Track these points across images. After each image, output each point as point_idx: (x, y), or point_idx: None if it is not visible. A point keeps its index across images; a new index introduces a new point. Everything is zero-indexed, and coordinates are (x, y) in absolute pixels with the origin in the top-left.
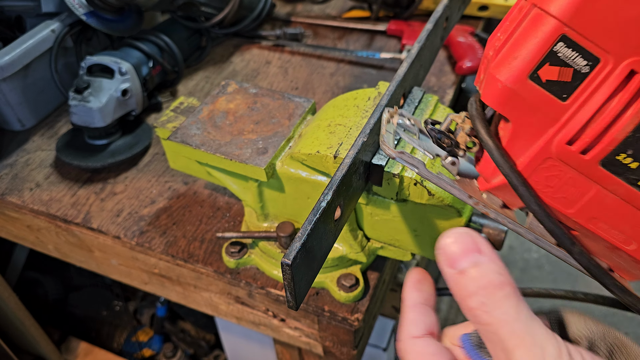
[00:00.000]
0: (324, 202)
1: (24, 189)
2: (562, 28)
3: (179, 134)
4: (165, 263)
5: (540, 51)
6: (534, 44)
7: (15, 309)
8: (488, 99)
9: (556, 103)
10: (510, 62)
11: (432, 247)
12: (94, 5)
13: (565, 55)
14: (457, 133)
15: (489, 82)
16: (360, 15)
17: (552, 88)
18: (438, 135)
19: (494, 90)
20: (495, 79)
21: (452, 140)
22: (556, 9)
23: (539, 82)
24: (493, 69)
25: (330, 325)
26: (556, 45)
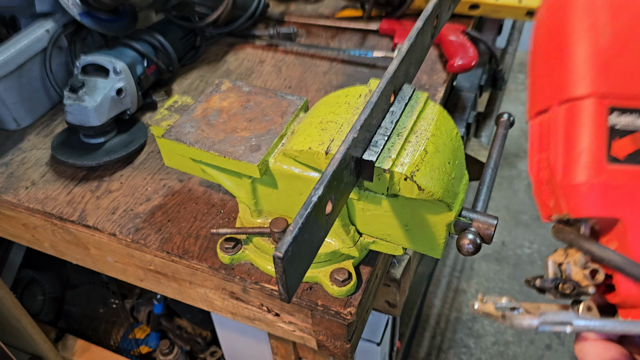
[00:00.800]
0: (315, 197)
1: (19, 188)
2: (603, 101)
3: (174, 132)
4: (161, 259)
5: (599, 133)
6: (588, 131)
7: (12, 308)
8: (581, 210)
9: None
10: (577, 162)
11: (423, 242)
12: (88, 5)
13: (625, 124)
14: (568, 271)
15: (569, 194)
16: (353, 15)
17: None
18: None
19: (582, 198)
20: (575, 186)
21: (572, 283)
22: (585, 89)
23: (620, 162)
24: (565, 179)
25: (324, 319)
26: (610, 119)
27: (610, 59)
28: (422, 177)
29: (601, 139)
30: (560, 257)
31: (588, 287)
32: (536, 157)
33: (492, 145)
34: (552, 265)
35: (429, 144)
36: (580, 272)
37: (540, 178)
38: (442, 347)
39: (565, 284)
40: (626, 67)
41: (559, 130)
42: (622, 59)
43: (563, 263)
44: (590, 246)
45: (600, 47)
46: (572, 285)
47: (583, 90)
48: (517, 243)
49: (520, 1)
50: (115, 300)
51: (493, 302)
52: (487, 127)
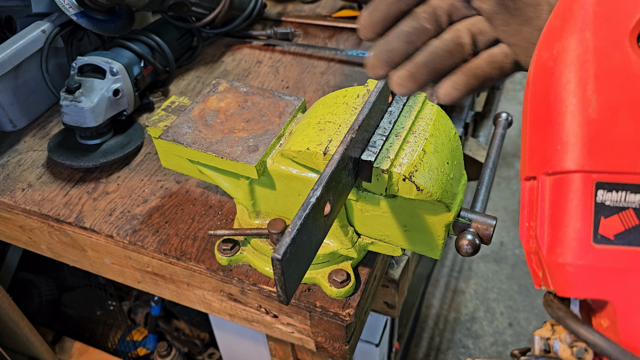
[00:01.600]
0: (314, 198)
1: (15, 189)
2: (591, 177)
3: (171, 133)
4: (158, 261)
5: (585, 211)
6: (574, 207)
7: (8, 310)
8: (566, 290)
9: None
10: (563, 239)
11: (422, 242)
12: (85, 6)
13: (614, 201)
14: (556, 348)
15: (554, 272)
16: (351, 15)
17: (627, 239)
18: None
19: (567, 278)
20: (561, 265)
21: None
22: (572, 163)
23: (608, 241)
24: (550, 257)
25: (322, 321)
26: (597, 195)
27: (598, 132)
28: (421, 177)
29: (588, 217)
30: (548, 332)
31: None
32: (526, 223)
33: (490, 145)
34: (539, 341)
35: (427, 144)
36: (567, 349)
37: (530, 246)
38: (441, 348)
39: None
40: (615, 141)
41: (545, 203)
42: (611, 132)
43: (550, 338)
44: (577, 328)
45: (588, 118)
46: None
47: (570, 164)
48: (515, 243)
49: None
50: (113, 302)
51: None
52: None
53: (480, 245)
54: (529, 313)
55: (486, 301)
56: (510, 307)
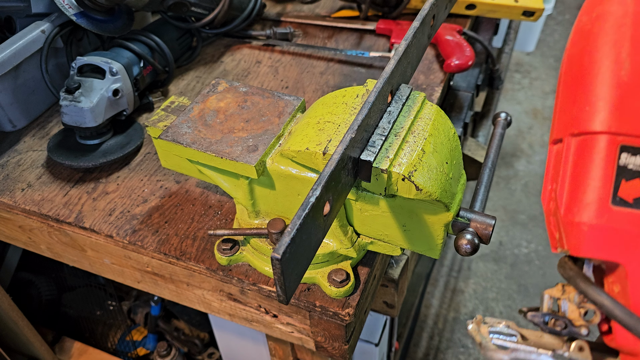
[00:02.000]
0: (313, 198)
1: (15, 190)
2: (616, 139)
3: (170, 133)
4: (158, 261)
5: (607, 172)
6: (597, 168)
7: (8, 310)
8: (580, 250)
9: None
10: (581, 200)
11: (421, 242)
12: (84, 6)
13: (637, 165)
14: (564, 308)
15: (570, 232)
16: (350, 15)
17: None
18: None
19: (582, 238)
20: (576, 224)
21: (564, 321)
22: (600, 124)
23: (627, 204)
24: (567, 215)
25: (322, 321)
26: (620, 158)
27: (628, 95)
28: (420, 177)
29: (609, 178)
30: (558, 292)
31: (581, 328)
32: (549, 186)
33: (489, 145)
34: (548, 300)
35: (426, 144)
36: (575, 310)
37: (550, 208)
38: (440, 348)
39: (557, 320)
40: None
41: (568, 163)
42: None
43: (560, 298)
44: (586, 287)
45: (619, 80)
46: (564, 323)
47: (597, 125)
48: (514, 243)
49: (517, 1)
50: (112, 302)
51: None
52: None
53: (479, 244)
54: None
55: (485, 300)
56: (509, 306)
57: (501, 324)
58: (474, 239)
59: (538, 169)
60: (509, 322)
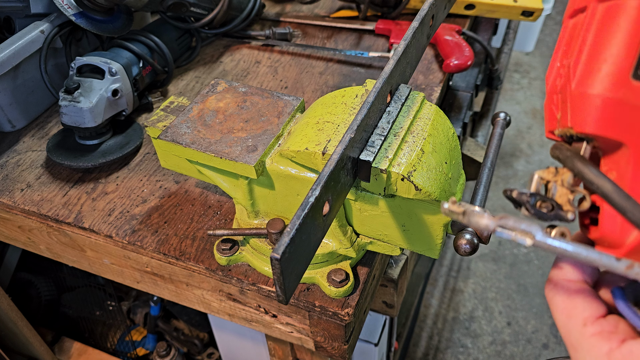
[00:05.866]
0: (312, 198)
1: (14, 190)
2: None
3: (170, 133)
4: (157, 261)
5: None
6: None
7: (8, 310)
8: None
9: None
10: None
11: (420, 242)
12: (83, 6)
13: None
14: (554, 192)
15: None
16: (349, 15)
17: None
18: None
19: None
20: (589, 97)
21: (552, 203)
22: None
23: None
24: (579, 87)
25: (321, 321)
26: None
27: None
28: (419, 177)
29: (634, 49)
30: (549, 175)
31: (568, 213)
32: (558, 62)
33: (488, 144)
34: (537, 180)
35: (425, 144)
36: (566, 194)
37: (555, 85)
38: (440, 347)
39: (545, 202)
40: None
41: (590, 32)
42: None
43: (551, 181)
44: (583, 167)
45: None
46: (552, 205)
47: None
48: (513, 243)
49: (516, 1)
50: (112, 302)
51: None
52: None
53: (478, 244)
54: (527, 312)
55: (484, 300)
56: (508, 306)
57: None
58: (473, 239)
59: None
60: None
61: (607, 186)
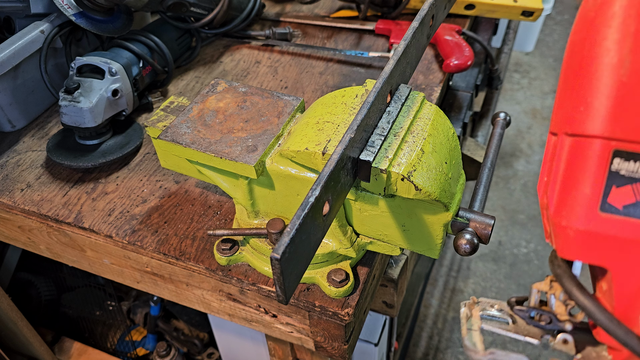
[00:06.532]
0: (312, 198)
1: (14, 190)
2: (610, 144)
3: (170, 133)
4: (157, 261)
5: (598, 178)
6: (587, 172)
7: (8, 310)
8: (566, 252)
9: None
10: (571, 203)
11: (420, 242)
12: (83, 6)
13: (629, 171)
14: (552, 303)
15: (558, 234)
16: (349, 15)
17: (636, 211)
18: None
19: (568, 241)
20: (564, 228)
21: (549, 315)
22: (593, 127)
23: (616, 210)
24: (555, 217)
25: (321, 320)
26: (613, 163)
27: (625, 97)
28: (419, 177)
29: (599, 184)
30: (546, 287)
31: (565, 323)
32: (545, 177)
33: (488, 144)
34: (535, 294)
35: (425, 144)
36: (561, 305)
37: (544, 202)
38: (440, 347)
39: (543, 315)
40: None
41: (561, 162)
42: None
43: (548, 292)
44: (571, 287)
45: (618, 80)
46: (549, 318)
47: (591, 128)
48: (513, 242)
49: (516, 1)
50: (112, 302)
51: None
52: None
53: (478, 244)
54: None
55: None
56: None
57: (494, 306)
58: (473, 239)
59: (537, 169)
60: (502, 304)
61: (591, 309)
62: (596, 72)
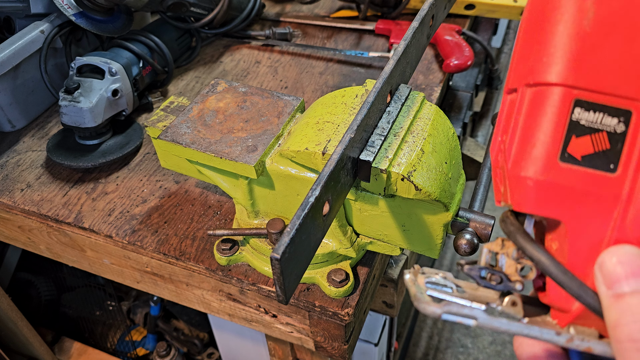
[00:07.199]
0: (312, 198)
1: (14, 190)
2: (571, 92)
3: (170, 133)
4: (157, 261)
5: (559, 126)
6: (548, 121)
7: (8, 310)
8: (523, 205)
9: (606, 178)
10: (530, 153)
11: (420, 242)
12: (83, 6)
13: (589, 121)
14: (502, 263)
15: (514, 186)
16: (349, 15)
17: (594, 162)
18: (480, 273)
19: (525, 193)
20: (522, 179)
21: (500, 275)
22: (555, 75)
23: (575, 161)
24: (513, 169)
25: (321, 321)
26: (574, 112)
27: (588, 47)
28: (419, 177)
29: (559, 133)
30: (497, 247)
31: (516, 283)
32: (499, 137)
33: (488, 144)
34: (486, 254)
35: (425, 144)
36: (512, 265)
37: (497, 161)
38: (440, 347)
39: (493, 275)
40: (603, 59)
41: (521, 115)
42: (601, 50)
43: (499, 253)
44: (525, 243)
45: (581, 30)
46: (500, 278)
47: (553, 76)
48: None
49: (516, 1)
50: (112, 302)
51: (427, 276)
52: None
53: (478, 244)
54: None
55: None
56: None
57: (438, 274)
58: (473, 239)
59: None
60: (446, 274)
61: (544, 261)
62: (559, 22)
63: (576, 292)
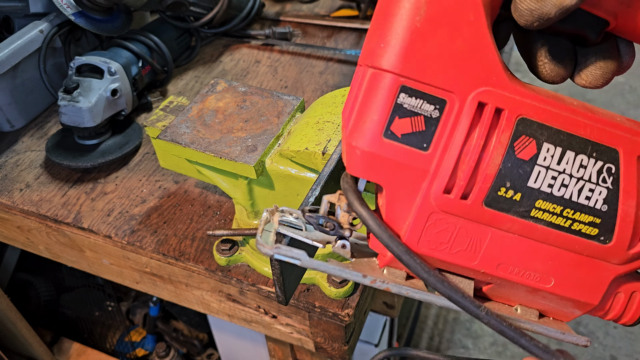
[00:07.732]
0: (312, 198)
1: (13, 190)
2: (399, 80)
3: (169, 133)
4: (157, 262)
5: (385, 107)
6: (378, 102)
7: (6, 311)
8: (352, 169)
9: (419, 155)
10: (361, 127)
11: None
12: (83, 6)
13: (411, 105)
14: (338, 213)
15: (348, 151)
16: (349, 14)
17: (411, 140)
18: (319, 220)
19: (355, 159)
20: (353, 147)
21: (333, 223)
22: (388, 63)
23: (396, 138)
24: (348, 138)
25: (321, 321)
26: (399, 97)
27: (416, 42)
28: None
29: (385, 113)
30: (335, 199)
31: (346, 231)
32: (349, 105)
33: None
34: (326, 204)
35: None
36: (345, 215)
37: (344, 123)
38: (440, 348)
39: (328, 223)
40: (427, 54)
41: (361, 91)
42: (427, 45)
43: (335, 204)
44: (352, 199)
45: (413, 25)
46: (333, 225)
47: (385, 63)
48: None
49: None
50: (111, 303)
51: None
52: None
53: None
54: None
55: None
56: None
57: (293, 214)
58: None
59: None
60: (299, 214)
61: (364, 215)
62: (397, 15)
63: (386, 241)
